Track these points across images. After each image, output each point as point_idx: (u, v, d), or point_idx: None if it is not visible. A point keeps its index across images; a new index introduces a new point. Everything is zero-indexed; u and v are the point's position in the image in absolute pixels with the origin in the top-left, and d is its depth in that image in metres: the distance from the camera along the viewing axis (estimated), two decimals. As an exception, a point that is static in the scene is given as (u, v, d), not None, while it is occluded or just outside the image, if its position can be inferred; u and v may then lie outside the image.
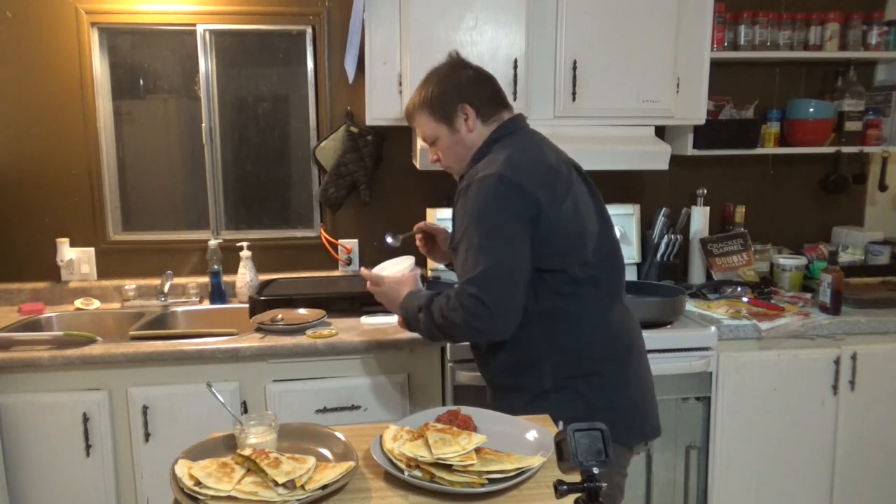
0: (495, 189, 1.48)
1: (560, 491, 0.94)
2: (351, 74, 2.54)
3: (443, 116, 1.64)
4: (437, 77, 1.67)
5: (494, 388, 1.70)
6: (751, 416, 2.34)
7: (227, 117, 2.74)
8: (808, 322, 2.33)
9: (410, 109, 1.70)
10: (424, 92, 1.66)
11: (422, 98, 1.66)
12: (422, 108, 1.66)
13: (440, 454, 1.13)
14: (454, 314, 1.49)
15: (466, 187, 1.54)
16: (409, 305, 1.63)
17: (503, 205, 1.48)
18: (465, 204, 1.53)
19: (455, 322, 1.49)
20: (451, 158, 1.68)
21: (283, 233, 2.82)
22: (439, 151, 1.69)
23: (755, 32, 2.71)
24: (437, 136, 1.66)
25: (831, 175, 2.91)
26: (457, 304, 1.49)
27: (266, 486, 1.08)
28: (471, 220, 1.50)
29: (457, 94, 1.63)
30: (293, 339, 2.16)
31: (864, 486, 2.45)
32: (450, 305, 1.50)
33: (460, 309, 1.48)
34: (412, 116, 1.70)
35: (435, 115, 1.64)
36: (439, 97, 1.63)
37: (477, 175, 1.52)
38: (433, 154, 1.72)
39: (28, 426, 2.09)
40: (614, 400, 1.57)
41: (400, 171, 2.78)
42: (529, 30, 2.31)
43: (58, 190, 2.65)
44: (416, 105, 1.68)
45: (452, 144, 1.66)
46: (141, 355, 2.09)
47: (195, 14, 2.61)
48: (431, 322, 1.55)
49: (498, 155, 1.56)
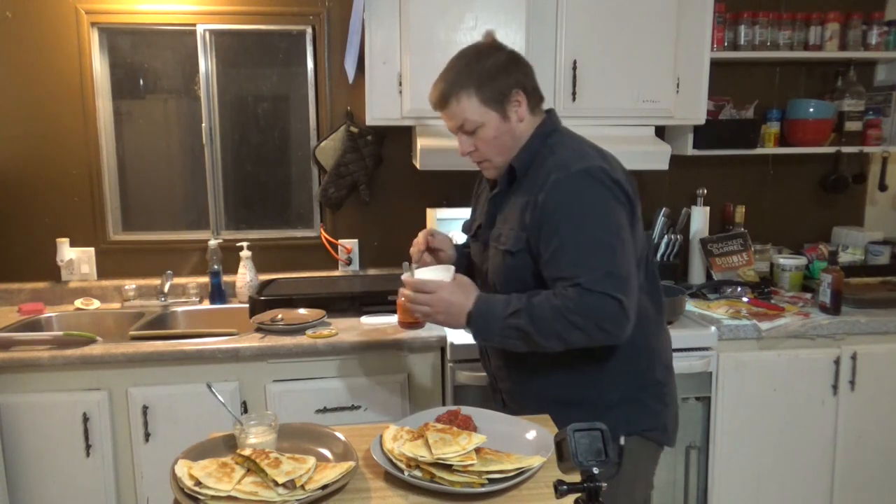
0: (602, 183, 1.38)
1: (560, 491, 0.94)
2: (351, 74, 2.54)
3: (494, 101, 1.45)
4: (485, 57, 1.46)
5: (544, 401, 1.51)
6: (751, 416, 2.34)
7: (227, 117, 2.74)
8: (808, 322, 2.33)
9: (447, 91, 1.46)
10: (470, 71, 1.44)
11: (469, 78, 1.44)
12: (468, 88, 1.44)
13: (440, 454, 1.13)
14: (581, 317, 1.32)
15: (555, 182, 1.38)
16: (488, 310, 1.42)
17: (615, 201, 1.38)
18: (556, 199, 1.38)
19: (582, 326, 1.33)
20: (494, 150, 1.49)
21: (283, 233, 2.82)
22: (479, 141, 1.49)
23: (755, 32, 2.71)
24: (483, 122, 1.46)
25: (831, 175, 2.91)
26: (587, 305, 1.32)
27: (266, 486, 1.08)
28: (580, 215, 1.37)
29: (512, 77, 1.46)
30: (293, 339, 2.16)
31: (864, 485, 2.45)
32: (575, 307, 1.32)
33: (593, 311, 1.32)
34: (449, 99, 1.46)
35: (484, 99, 1.44)
36: (492, 78, 1.44)
37: (571, 168, 1.38)
38: (469, 145, 1.51)
39: (28, 426, 2.09)
40: (671, 408, 1.56)
41: (400, 171, 2.78)
42: (529, 30, 2.31)
43: (58, 190, 2.65)
44: (460, 85, 1.45)
45: (500, 134, 1.47)
46: (141, 355, 2.09)
47: (195, 14, 2.61)
48: (533, 327, 1.36)
49: (565, 149, 1.45)
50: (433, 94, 1.50)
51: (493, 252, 1.53)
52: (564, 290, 1.35)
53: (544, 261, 1.40)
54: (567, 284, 1.35)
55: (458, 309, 1.44)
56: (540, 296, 1.38)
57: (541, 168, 1.45)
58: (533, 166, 1.48)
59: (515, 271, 1.47)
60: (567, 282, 1.35)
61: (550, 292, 1.38)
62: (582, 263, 1.34)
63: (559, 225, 1.38)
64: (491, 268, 1.54)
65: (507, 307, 1.40)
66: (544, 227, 1.39)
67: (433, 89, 1.50)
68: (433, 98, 1.51)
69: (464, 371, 2.13)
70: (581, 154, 1.43)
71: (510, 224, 1.48)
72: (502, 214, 1.53)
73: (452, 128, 1.51)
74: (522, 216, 1.44)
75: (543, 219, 1.39)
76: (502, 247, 1.48)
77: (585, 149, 1.46)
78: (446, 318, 1.45)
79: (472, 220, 1.73)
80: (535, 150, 1.49)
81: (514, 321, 1.38)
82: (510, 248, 1.46)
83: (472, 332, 1.45)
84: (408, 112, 2.35)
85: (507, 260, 1.47)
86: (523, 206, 1.45)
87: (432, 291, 1.45)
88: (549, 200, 1.39)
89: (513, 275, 1.47)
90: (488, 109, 1.45)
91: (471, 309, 1.43)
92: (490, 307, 1.42)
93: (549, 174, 1.40)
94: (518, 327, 1.38)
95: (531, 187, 1.44)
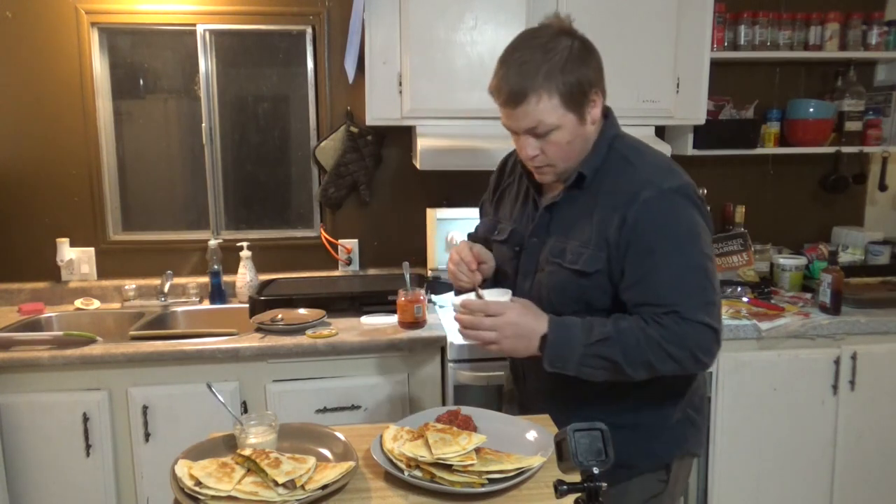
0: (694, 203, 1.30)
1: (560, 491, 0.94)
2: (351, 74, 2.54)
3: (575, 103, 1.29)
4: (563, 46, 1.28)
5: None
6: (751, 416, 2.34)
7: (227, 117, 2.74)
8: (808, 322, 2.33)
9: (524, 88, 1.27)
10: (551, 66, 1.26)
11: (550, 75, 1.26)
12: (549, 88, 1.26)
13: (440, 454, 1.13)
14: (677, 348, 1.24)
15: (647, 201, 1.27)
16: (567, 336, 1.29)
17: (703, 221, 1.31)
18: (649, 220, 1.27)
19: (677, 357, 1.25)
20: (562, 155, 1.34)
21: (283, 233, 2.82)
22: (549, 146, 1.32)
23: (755, 32, 2.71)
24: (560, 125, 1.30)
25: (831, 175, 2.91)
26: (686, 335, 1.24)
27: (266, 486, 1.08)
28: (676, 238, 1.27)
29: (591, 71, 1.30)
30: (293, 339, 2.16)
31: (864, 485, 2.45)
32: (672, 337, 1.24)
33: (691, 342, 1.25)
34: (526, 97, 1.27)
35: (566, 100, 1.28)
36: (577, 78, 1.27)
37: (663, 185, 1.29)
38: (535, 149, 1.33)
39: (28, 426, 2.09)
40: (704, 414, 1.53)
41: (400, 171, 2.78)
42: (529, 30, 2.31)
43: (58, 190, 2.65)
44: (539, 82, 1.26)
45: (574, 138, 1.32)
46: (141, 355, 2.09)
47: (195, 14, 2.61)
48: (623, 356, 1.26)
49: (645, 160, 1.35)
50: (502, 90, 1.30)
51: (552, 268, 1.38)
52: (659, 319, 1.25)
53: (629, 284, 1.30)
54: (661, 311, 1.25)
55: (530, 333, 1.30)
56: (626, 322, 1.27)
57: (619, 180, 1.33)
58: (600, 174, 1.35)
59: (584, 292, 1.34)
60: (661, 308, 1.25)
61: (638, 319, 1.27)
62: (679, 290, 1.26)
63: (653, 248, 1.27)
64: (548, 284, 1.39)
65: (589, 333, 1.28)
66: (633, 249, 1.28)
67: (500, 83, 1.30)
68: (503, 94, 1.30)
69: (464, 371, 2.13)
70: (666, 168, 1.34)
71: (579, 240, 1.34)
72: (562, 225, 1.39)
73: (518, 129, 1.33)
74: (601, 233, 1.31)
75: (633, 240, 1.28)
76: (571, 265, 1.34)
77: (665, 161, 1.37)
78: (514, 344, 1.30)
79: (497, 220, 1.57)
80: (602, 155, 1.36)
81: (601, 349, 1.26)
82: (584, 269, 1.32)
83: (546, 359, 1.30)
84: (408, 112, 2.35)
85: (578, 280, 1.33)
86: (603, 222, 1.32)
87: (498, 314, 1.30)
88: (641, 220, 1.27)
89: (580, 295, 1.35)
90: (567, 112, 1.29)
91: (546, 333, 1.29)
92: (569, 332, 1.29)
93: (639, 190, 1.28)
94: (606, 356, 1.27)
95: (611, 202, 1.32)
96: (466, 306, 1.33)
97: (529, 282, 1.44)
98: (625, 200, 1.30)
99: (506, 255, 1.51)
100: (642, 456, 1.41)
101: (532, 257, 1.44)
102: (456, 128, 2.37)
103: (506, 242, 1.51)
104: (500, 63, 1.32)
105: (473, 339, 1.33)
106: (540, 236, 1.42)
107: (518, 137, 1.35)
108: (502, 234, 1.52)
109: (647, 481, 1.43)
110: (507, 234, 1.51)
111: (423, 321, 2.26)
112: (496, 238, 1.54)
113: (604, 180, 1.35)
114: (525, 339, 1.30)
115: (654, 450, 1.43)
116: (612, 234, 1.30)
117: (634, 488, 1.42)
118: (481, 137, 2.36)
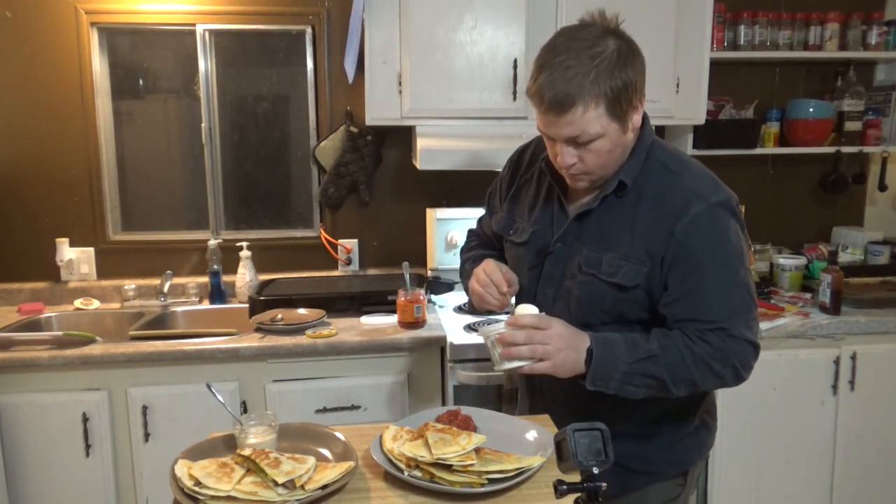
0: (737, 217, 1.29)
1: (560, 491, 0.94)
2: (351, 74, 2.54)
3: (620, 111, 1.22)
4: (610, 50, 1.20)
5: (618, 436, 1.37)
6: (751, 416, 2.34)
7: (226, 117, 2.74)
8: (808, 322, 2.33)
9: (570, 96, 1.17)
10: (598, 72, 1.17)
11: (598, 82, 1.17)
12: (597, 97, 1.18)
13: (440, 454, 1.13)
14: (722, 365, 1.23)
15: (697, 215, 1.24)
16: (610, 352, 1.23)
17: (744, 235, 1.29)
18: (699, 235, 1.24)
19: (721, 373, 1.24)
20: (601, 164, 1.27)
21: (282, 233, 2.82)
22: (589, 154, 1.24)
23: (755, 32, 2.71)
24: (603, 134, 1.22)
25: (831, 175, 2.91)
26: (731, 352, 1.23)
27: (266, 486, 1.08)
28: (725, 255, 1.25)
29: (636, 74, 1.23)
30: (293, 339, 2.16)
31: (864, 485, 2.45)
32: (718, 355, 1.22)
33: (735, 358, 1.24)
34: (573, 106, 1.18)
35: (611, 109, 1.20)
36: (624, 84, 1.20)
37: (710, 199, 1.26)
38: (573, 157, 1.25)
39: (28, 426, 2.09)
40: (715, 416, 1.51)
41: (400, 171, 2.78)
42: (529, 30, 2.31)
43: (58, 190, 2.65)
44: (587, 90, 1.17)
45: (614, 147, 1.25)
46: (141, 355, 2.09)
47: (195, 14, 2.61)
48: (669, 374, 1.22)
49: (689, 171, 1.30)
50: (544, 96, 1.20)
51: (585, 278, 1.32)
52: (704, 336, 1.22)
53: (673, 298, 1.26)
54: (707, 328, 1.22)
55: (579, 345, 1.23)
56: (668, 339, 1.24)
57: (663, 190, 1.28)
58: (639, 182, 1.30)
59: (618, 305, 1.30)
60: (707, 325, 1.23)
61: (682, 335, 1.24)
62: (726, 307, 1.24)
63: (701, 264, 1.24)
64: (579, 294, 1.33)
65: (633, 350, 1.23)
66: (680, 264, 1.24)
67: (543, 89, 1.20)
68: (545, 101, 1.20)
69: (464, 371, 2.12)
70: (711, 179, 1.31)
71: (618, 251, 1.29)
72: (597, 234, 1.32)
73: (558, 137, 1.24)
74: (644, 246, 1.26)
75: (681, 255, 1.24)
76: (608, 278, 1.28)
77: (706, 171, 1.33)
78: (566, 357, 1.23)
79: (513, 219, 1.48)
80: (641, 162, 1.30)
81: (647, 367, 1.22)
82: (623, 283, 1.27)
83: (589, 377, 1.23)
84: (407, 112, 2.35)
85: (614, 293, 1.29)
86: (646, 234, 1.27)
87: (549, 327, 1.24)
88: (691, 235, 1.23)
89: (613, 308, 1.31)
90: (612, 121, 1.22)
91: (591, 346, 1.23)
92: (611, 348, 1.23)
93: (687, 204, 1.24)
94: (651, 374, 1.23)
95: (654, 213, 1.27)
96: (516, 321, 1.25)
97: (553, 289, 1.37)
98: (672, 213, 1.25)
99: (522, 257, 1.44)
100: (665, 464, 1.41)
101: (558, 264, 1.37)
102: (456, 128, 2.37)
103: (524, 245, 1.43)
104: (540, 67, 1.21)
105: (526, 356, 1.23)
106: (568, 242, 1.35)
107: (554, 144, 1.27)
108: (521, 236, 1.44)
109: (665, 486, 1.43)
110: (526, 235, 1.43)
111: (423, 321, 2.26)
112: (513, 238, 1.47)
113: (644, 189, 1.30)
114: (574, 352, 1.23)
115: (677, 457, 1.42)
116: (656, 248, 1.26)
117: (653, 493, 1.42)
118: (481, 137, 2.36)
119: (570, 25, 1.27)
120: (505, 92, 2.35)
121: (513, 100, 2.35)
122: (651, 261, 1.26)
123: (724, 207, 1.28)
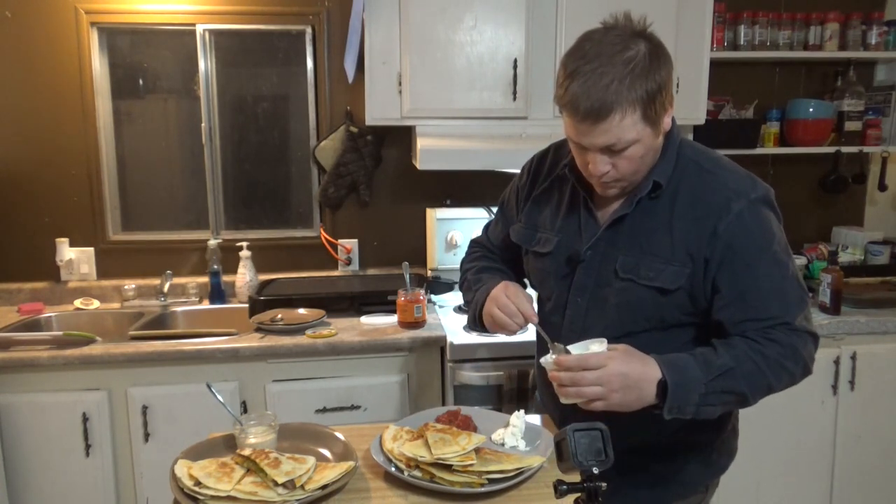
0: (776, 210, 1.29)
1: (560, 491, 0.94)
2: (351, 74, 2.54)
3: (654, 114, 1.18)
4: (643, 54, 1.16)
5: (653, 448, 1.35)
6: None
7: (226, 117, 2.74)
8: (808, 322, 2.33)
9: (607, 105, 1.13)
10: (633, 78, 1.14)
11: (632, 88, 1.14)
12: (633, 104, 1.14)
13: (440, 454, 1.13)
14: (793, 362, 1.21)
15: (739, 213, 1.21)
16: (685, 377, 1.16)
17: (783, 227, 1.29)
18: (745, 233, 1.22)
19: (793, 371, 1.22)
20: (633, 169, 1.23)
21: (282, 233, 2.82)
22: (623, 161, 1.20)
23: (755, 32, 2.71)
24: (639, 139, 1.18)
25: (831, 175, 2.91)
26: (799, 346, 1.21)
27: (266, 486, 1.09)
28: (773, 250, 1.24)
29: (669, 82, 1.19)
30: (293, 339, 2.16)
31: (864, 485, 2.45)
32: (788, 353, 1.20)
33: (803, 353, 1.22)
34: (610, 114, 1.14)
35: (645, 114, 1.16)
36: (657, 87, 1.16)
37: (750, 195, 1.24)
38: (606, 164, 1.21)
39: (28, 426, 2.09)
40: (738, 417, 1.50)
41: (400, 171, 2.78)
42: (529, 30, 2.31)
43: (58, 190, 2.65)
44: (624, 98, 1.13)
45: (647, 151, 1.22)
46: (141, 355, 2.09)
47: (195, 14, 2.61)
48: (748, 386, 1.19)
49: (722, 168, 1.28)
50: (579, 105, 1.15)
51: (623, 285, 1.27)
52: (768, 334, 1.19)
53: (727, 301, 1.22)
54: (768, 325, 1.20)
55: (640, 382, 1.15)
56: (737, 348, 1.19)
57: (699, 189, 1.25)
58: (672, 182, 1.26)
59: (660, 309, 1.26)
60: (767, 322, 1.20)
61: (747, 340, 1.20)
62: (783, 301, 1.22)
63: (751, 262, 1.21)
64: (618, 301, 1.28)
65: (707, 368, 1.16)
66: (728, 265, 1.21)
67: (577, 98, 1.15)
68: (580, 111, 1.15)
69: (464, 371, 2.12)
70: (746, 175, 1.29)
71: (657, 255, 1.25)
72: (633, 239, 1.27)
73: (593, 146, 1.19)
74: (685, 247, 1.23)
75: (728, 255, 1.21)
76: (649, 282, 1.24)
77: (739, 167, 1.31)
78: (624, 397, 1.14)
79: (534, 229, 1.42)
80: (673, 162, 1.27)
81: (725, 383, 1.17)
82: (664, 286, 1.23)
83: (667, 408, 1.15)
84: (407, 112, 2.35)
85: (655, 298, 1.24)
86: (686, 234, 1.23)
87: (600, 366, 1.14)
88: (737, 235, 1.21)
89: (654, 313, 1.26)
90: (646, 125, 1.17)
91: (663, 378, 1.15)
92: (686, 372, 1.16)
93: (727, 202, 1.22)
94: (729, 389, 1.17)
95: (693, 213, 1.24)
96: (561, 363, 1.16)
97: (586, 298, 1.32)
98: (712, 212, 1.22)
99: (549, 267, 1.38)
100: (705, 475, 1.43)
101: (590, 272, 1.31)
102: (456, 128, 2.37)
103: (550, 255, 1.37)
104: (570, 74, 1.16)
105: (575, 399, 1.16)
106: (600, 249, 1.30)
107: (585, 152, 1.22)
108: (545, 246, 1.38)
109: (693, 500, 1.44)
110: (552, 245, 1.37)
111: (423, 321, 2.26)
112: (537, 249, 1.40)
113: (679, 189, 1.26)
114: (636, 390, 1.15)
115: (717, 463, 1.44)
116: (698, 248, 1.22)
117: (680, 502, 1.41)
118: (481, 137, 2.36)
119: (595, 29, 1.24)
120: (505, 92, 2.35)
121: (513, 100, 2.35)
122: (693, 262, 1.22)
123: (764, 202, 1.27)
